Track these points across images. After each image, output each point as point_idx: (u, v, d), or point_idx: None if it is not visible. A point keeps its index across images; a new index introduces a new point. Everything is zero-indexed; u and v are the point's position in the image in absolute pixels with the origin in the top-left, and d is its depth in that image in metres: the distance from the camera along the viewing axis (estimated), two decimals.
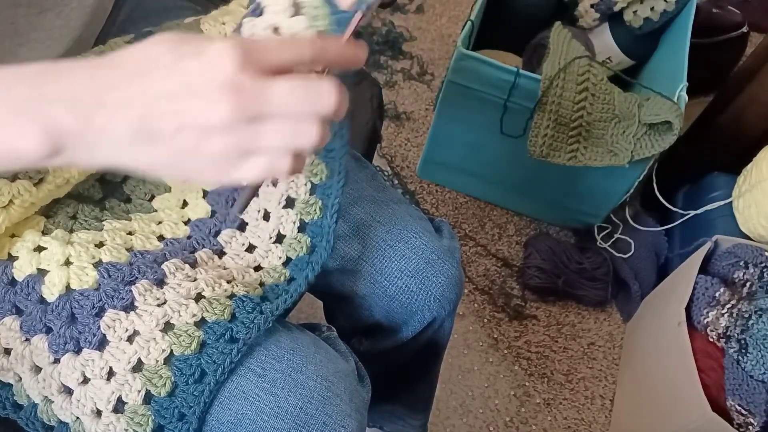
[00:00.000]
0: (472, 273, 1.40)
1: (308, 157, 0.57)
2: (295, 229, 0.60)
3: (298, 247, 0.60)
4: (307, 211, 0.59)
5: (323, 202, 0.59)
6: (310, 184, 0.59)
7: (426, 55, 1.76)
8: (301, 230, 0.59)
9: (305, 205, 0.59)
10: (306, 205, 0.59)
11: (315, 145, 0.40)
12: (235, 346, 0.52)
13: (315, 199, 0.59)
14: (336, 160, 0.58)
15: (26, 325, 0.53)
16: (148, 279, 0.54)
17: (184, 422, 0.51)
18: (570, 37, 1.24)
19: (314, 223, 0.59)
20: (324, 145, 0.40)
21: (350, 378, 0.58)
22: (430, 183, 1.52)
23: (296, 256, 0.60)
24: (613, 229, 1.40)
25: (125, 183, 0.64)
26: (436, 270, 0.70)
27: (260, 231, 0.61)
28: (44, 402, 0.53)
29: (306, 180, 0.59)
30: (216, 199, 0.62)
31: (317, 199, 0.59)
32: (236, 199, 0.60)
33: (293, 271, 0.60)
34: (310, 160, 0.59)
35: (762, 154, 1.20)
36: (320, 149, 0.56)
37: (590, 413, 1.26)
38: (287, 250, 0.60)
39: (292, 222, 0.59)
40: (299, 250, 0.60)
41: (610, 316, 1.39)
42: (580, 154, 1.20)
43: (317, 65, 0.43)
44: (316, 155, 0.59)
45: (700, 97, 1.48)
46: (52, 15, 0.59)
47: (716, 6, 1.60)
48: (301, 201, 0.59)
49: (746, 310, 1.04)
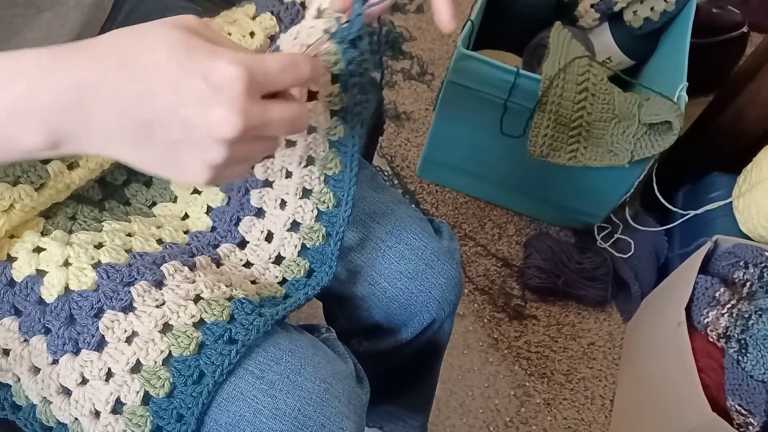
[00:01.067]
0: (472, 273, 1.40)
1: (323, 180, 0.59)
2: (295, 252, 0.61)
3: (296, 270, 0.61)
4: (310, 237, 0.60)
5: (327, 230, 0.60)
6: (317, 211, 0.60)
7: (426, 55, 1.76)
8: (301, 254, 0.61)
9: (309, 230, 0.60)
10: (310, 230, 0.60)
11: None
12: (234, 348, 0.52)
13: (319, 226, 0.60)
14: (344, 190, 0.59)
15: (25, 326, 0.53)
16: (147, 280, 0.54)
17: (182, 423, 0.51)
18: (570, 37, 1.24)
19: (315, 249, 0.60)
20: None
21: (349, 380, 0.58)
22: (430, 183, 1.52)
23: (293, 278, 0.61)
24: (613, 229, 1.40)
25: (127, 187, 0.64)
26: (436, 271, 0.70)
27: (260, 251, 0.62)
28: (43, 403, 0.53)
29: (313, 207, 0.60)
30: (219, 216, 0.62)
31: (321, 227, 0.60)
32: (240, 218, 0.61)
33: (289, 290, 0.61)
34: (322, 182, 0.59)
35: (762, 154, 1.20)
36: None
37: (590, 413, 1.26)
38: (284, 271, 0.61)
39: (294, 245, 0.60)
40: (296, 272, 0.61)
41: (610, 316, 1.39)
42: (580, 154, 1.20)
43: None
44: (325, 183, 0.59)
45: (700, 97, 1.48)
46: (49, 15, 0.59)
47: (716, 6, 1.60)
48: (306, 226, 0.60)
49: (746, 310, 1.04)
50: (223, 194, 0.62)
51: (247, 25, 0.61)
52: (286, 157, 0.58)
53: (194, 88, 0.38)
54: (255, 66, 0.40)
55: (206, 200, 0.63)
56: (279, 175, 0.59)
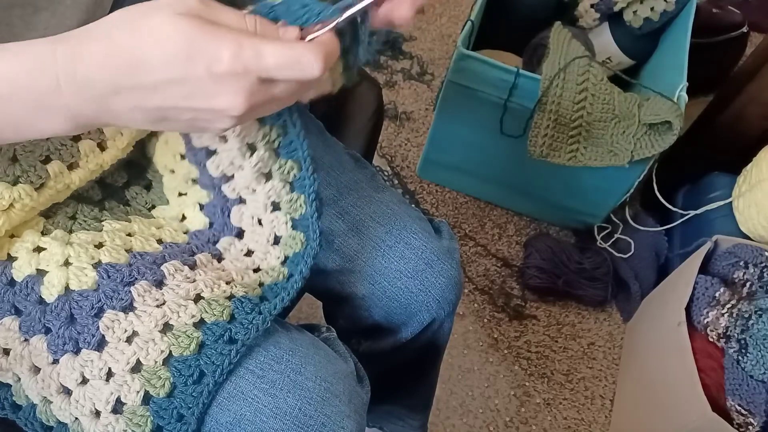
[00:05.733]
0: (472, 273, 1.40)
1: (274, 154, 0.59)
2: (289, 228, 0.60)
3: (294, 244, 0.60)
4: (294, 209, 0.60)
5: (303, 196, 0.60)
6: (287, 185, 0.60)
7: (426, 55, 1.76)
8: (294, 228, 0.60)
9: (290, 203, 0.60)
10: (290, 203, 0.60)
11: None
12: (234, 347, 0.52)
13: (296, 195, 0.60)
14: (299, 151, 0.58)
15: (25, 326, 0.53)
16: (147, 280, 0.54)
17: (182, 423, 0.51)
18: (570, 37, 1.24)
19: (303, 218, 0.60)
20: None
21: (349, 379, 0.58)
22: (430, 183, 1.52)
23: (293, 253, 0.60)
24: (613, 229, 1.40)
25: (127, 189, 0.64)
26: (436, 271, 0.70)
27: (257, 236, 0.61)
28: (43, 402, 0.53)
29: (282, 182, 0.59)
30: (212, 210, 0.63)
31: (299, 195, 0.60)
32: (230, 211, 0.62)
33: (291, 267, 0.60)
34: (276, 159, 0.60)
35: (762, 154, 1.20)
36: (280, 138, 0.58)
37: (590, 413, 1.26)
38: (284, 249, 0.60)
39: (284, 223, 0.60)
40: (295, 246, 0.60)
41: (610, 316, 1.39)
42: (580, 154, 1.20)
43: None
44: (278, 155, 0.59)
45: (700, 97, 1.48)
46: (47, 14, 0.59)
47: (716, 6, 1.60)
48: (285, 201, 0.60)
49: (746, 310, 1.04)
50: (206, 191, 0.63)
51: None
52: (241, 147, 0.58)
53: (199, 80, 0.41)
54: (250, 56, 0.41)
55: (196, 199, 0.63)
56: (244, 161, 0.59)
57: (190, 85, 0.42)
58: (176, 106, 0.43)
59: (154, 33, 0.41)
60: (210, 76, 0.41)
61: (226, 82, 0.41)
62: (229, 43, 0.41)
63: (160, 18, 0.41)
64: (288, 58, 0.42)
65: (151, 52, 0.41)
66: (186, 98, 0.42)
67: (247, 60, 0.41)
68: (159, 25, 0.41)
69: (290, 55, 0.42)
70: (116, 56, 0.41)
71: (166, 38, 0.41)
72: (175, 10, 0.41)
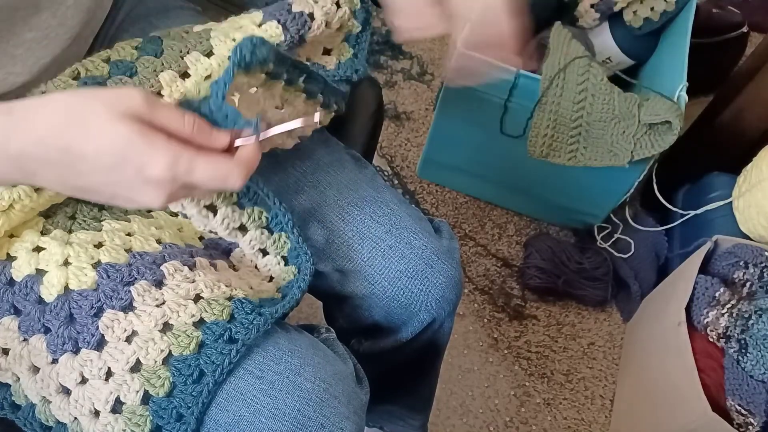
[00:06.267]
0: (472, 273, 1.40)
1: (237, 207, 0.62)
2: (282, 265, 0.63)
3: (287, 276, 0.63)
4: (281, 247, 0.63)
5: (285, 234, 0.63)
6: (265, 230, 0.63)
7: (426, 55, 1.76)
8: (287, 264, 0.63)
9: (276, 244, 0.63)
10: (276, 243, 0.63)
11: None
12: (234, 347, 0.52)
13: (277, 235, 0.63)
14: (258, 195, 0.61)
15: (24, 325, 0.53)
16: (147, 280, 0.54)
17: (182, 423, 0.51)
18: (570, 37, 1.23)
19: (291, 250, 0.63)
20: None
21: (348, 380, 0.58)
22: (430, 183, 1.52)
23: (288, 282, 0.63)
24: (613, 229, 1.40)
25: None
26: (436, 271, 0.70)
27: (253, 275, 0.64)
28: (42, 402, 0.53)
29: (258, 230, 0.63)
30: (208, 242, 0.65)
31: (279, 233, 0.63)
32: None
33: (285, 290, 0.62)
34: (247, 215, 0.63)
35: (762, 154, 1.20)
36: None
37: (590, 413, 1.26)
38: (279, 282, 0.63)
39: (277, 263, 0.63)
40: (288, 277, 0.63)
41: (610, 316, 1.39)
42: (580, 154, 1.20)
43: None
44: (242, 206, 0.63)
45: (700, 97, 1.48)
46: (47, 14, 0.59)
47: (716, 6, 1.60)
48: (271, 245, 0.63)
49: (746, 310, 1.03)
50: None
51: (252, 33, 0.61)
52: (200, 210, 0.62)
53: (126, 176, 0.45)
54: (182, 171, 0.45)
55: (192, 228, 0.65)
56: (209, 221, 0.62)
57: (115, 180, 0.46)
58: (98, 190, 0.47)
59: (93, 129, 0.44)
60: (138, 177, 0.45)
61: (152, 185, 0.45)
62: (165, 155, 0.45)
63: (102, 116, 0.44)
64: (215, 173, 0.47)
65: (87, 146, 0.44)
66: (108, 186, 0.46)
67: (178, 172, 0.45)
68: (100, 123, 0.44)
69: (217, 171, 0.47)
70: (52, 138, 0.44)
71: (103, 137, 0.44)
72: (119, 111, 0.44)
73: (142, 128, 0.44)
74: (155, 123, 0.46)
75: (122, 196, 0.47)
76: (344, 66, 0.69)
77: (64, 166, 0.45)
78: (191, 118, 0.48)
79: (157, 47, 0.60)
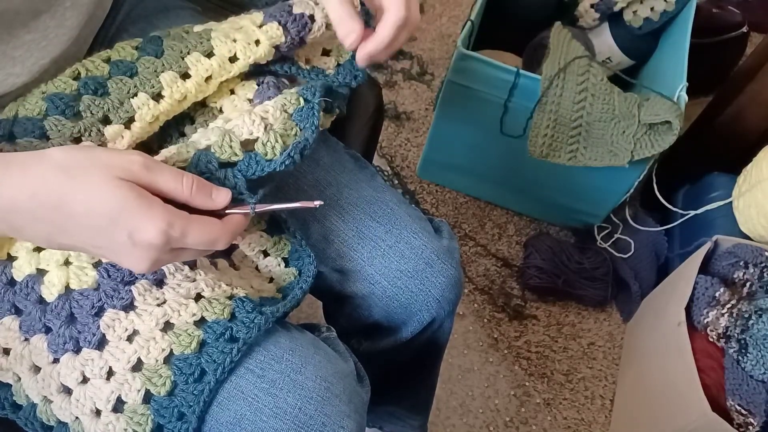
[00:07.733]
0: (472, 273, 1.40)
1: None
2: (282, 267, 0.64)
3: (288, 278, 0.63)
4: (281, 249, 0.64)
5: (287, 240, 0.64)
6: (264, 233, 0.63)
7: (426, 55, 1.76)
8: (287, 266, 0.64)
9: (276, 246, 0.63)
10: (277, 245, 0.63)
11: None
12: (235, 346, 0.52)
13: (278, 238, 0.64)
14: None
15: (25, 325, 0.53)
16: (147, 279, 0.54)
17: (183, 422, 0.51)
18: (570, 37, 1.24)
19: (293, 251, 0.64)
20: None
21: (349, 378, 0.58)
22: (430, 183, 1.52)
23: (288, 283, 0.63)
24: (613, 229, 1.40)
25: None
26: (436, 270, 0.70)
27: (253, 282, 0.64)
28: (43, 402, 0.53)
29: (258, 232, 0.63)
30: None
31: (279, 238, 0.64)
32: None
33: (286, 290, 0.62)
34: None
35: (762, 154, 1.20)
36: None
37: (590, 413, 1.26)
38: (280, 283, 0.63)
39: (277, 265, 0.63)
40: (288, 278, 0.63)
41: (610, 316, 1.39)
42: (580, 154, 1.20)
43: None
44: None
45: (700, 97, 1.48)
46: (46, 16, 0.59)
47: (716, 6, 1.60)
48: (271, 246, 0.63)
49: (746, 310, 1.04)
50: None
51: (253, 33, 0.61)
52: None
53: (115, 239, 0.45)
54: (175, 237, 0.45)
55: None
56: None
57: (102, 243, 0.45)
58: (84, 249, 0.48)
59: (87, 191, 0.44)
60: (128, 240, 0.44)
61: (140, 249, 0.45)
62: (161, 220, 0.44)
63: (98, 178, 0.44)
64: (206, 237, 0.47)
65: (79, 206, 0.44)
66: (95, 248, 0.46)
67: (171, 237, 0.45)
68: (95, 185, 0.44)
69: (209, 235, 0.47)
70: (45, 195, 0.44)
71: (97, 199, 0.44)
72: (116, 174, 0.44)
73: (139, 193, 0.44)
74: (152, 187, 0.46)
75: (107, 257, 0.49)
76: (344, 71, 0.69)
77: (52, 224, 0.45)
78: (190, 180, 0.48)
79: (158, 47, 0.60)
